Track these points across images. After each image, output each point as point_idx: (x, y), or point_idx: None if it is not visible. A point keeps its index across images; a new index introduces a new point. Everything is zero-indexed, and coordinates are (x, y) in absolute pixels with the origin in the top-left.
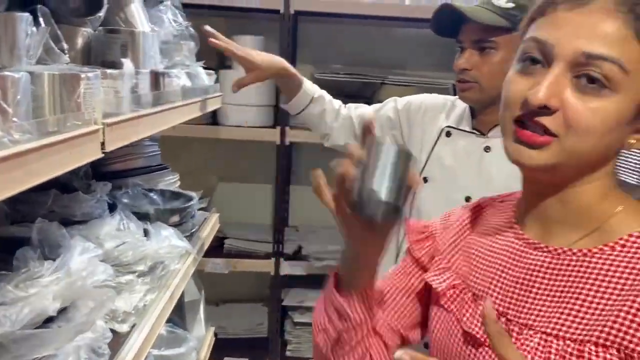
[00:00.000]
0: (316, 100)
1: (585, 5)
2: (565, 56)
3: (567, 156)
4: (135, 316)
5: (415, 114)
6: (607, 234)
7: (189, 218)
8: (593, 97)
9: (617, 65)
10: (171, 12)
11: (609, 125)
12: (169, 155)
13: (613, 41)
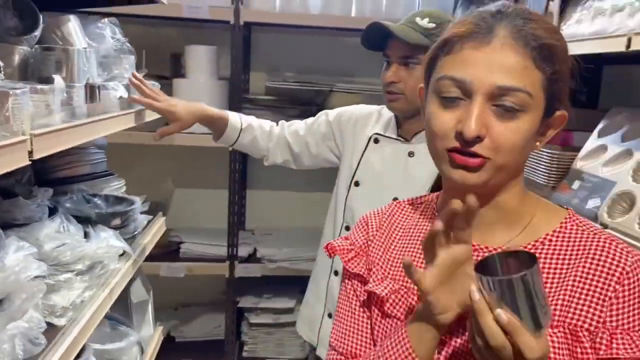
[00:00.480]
0: (245, 130)
1: (488, 44)
2: (482, 90)
3: (498, 172)
4: (72, 311)
5: (346, 124)
6: (534, 232)
7: (130, 221)
8: (511, 120)
9: (524, 93)
10: (110, 28)
11: (526, 139)
12: (124, 163)
13: (518, 72)
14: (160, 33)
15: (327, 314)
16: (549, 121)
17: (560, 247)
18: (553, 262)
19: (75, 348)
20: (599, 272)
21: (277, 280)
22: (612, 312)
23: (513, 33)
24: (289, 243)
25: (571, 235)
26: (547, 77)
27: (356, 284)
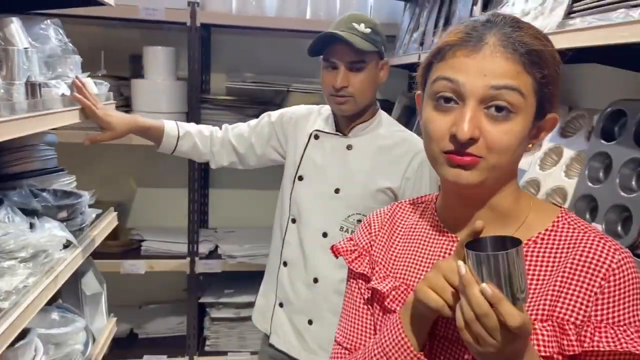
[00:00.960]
0: (183, 137)
1: (479, 52)
2: (476, 93)
3: (492, 172)
4: (15, 295)
5: (288, 123)
6: (528, 230)
7: (77, 214)
8: (503, 122)
9: (517, 92)
10: (53, 29)
11: (519, 141)
12: (85, 163)
13: (511, 75)
14: (119, 34)
15: (279, 304)
16: (540, 124)
17: (552, 245)
18: (545, 259)
19: (16, 329)
20: (586, 269)
21: (238, 276)
22: (598, 307)
23: (502, 40)
24: (250, 240)
25: (562, 233)
26: (537, 81)
27: (360, 283)
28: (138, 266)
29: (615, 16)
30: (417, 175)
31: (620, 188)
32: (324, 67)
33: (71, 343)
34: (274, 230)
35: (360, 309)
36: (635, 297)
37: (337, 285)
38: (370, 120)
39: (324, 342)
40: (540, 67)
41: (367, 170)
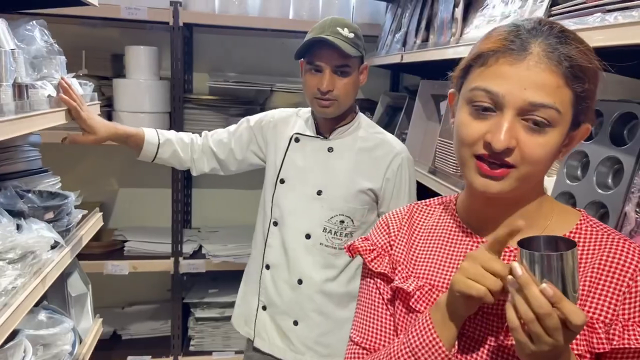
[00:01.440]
0: (163, 145)
1: (523, 61)
2: (514, 105)
3: (522, 181)
4: (4, 296)
5: (267, 128)
6: (554, 232)
7: (64, 215)
8: (540, 135)
9: (554, 110)
10: (39, 31)
11: (553, 153)
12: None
13: (550, 90)
14: (101, 34)
15: (262, 307)
16: (573, 134)
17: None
18: None
19: (6, 330)
20: (613, 269)
21: (223, 276)
22: (626, 306)
23: (547, 52)
24: (234, 239)
25: (586, 236)
26: (576, 95)
27: (379, 282)
28: (121, 267)
29: (591, 20)
30: (397, 176)
31: (597, 185)
32: (308, 70)
33: (60, 344)
34: (255, 233)
35: (379, 308)
36: None
37: (321, 285)
38: (351, 123)
39: (309, 341)
40: (582, 82)
41: (349, 172)
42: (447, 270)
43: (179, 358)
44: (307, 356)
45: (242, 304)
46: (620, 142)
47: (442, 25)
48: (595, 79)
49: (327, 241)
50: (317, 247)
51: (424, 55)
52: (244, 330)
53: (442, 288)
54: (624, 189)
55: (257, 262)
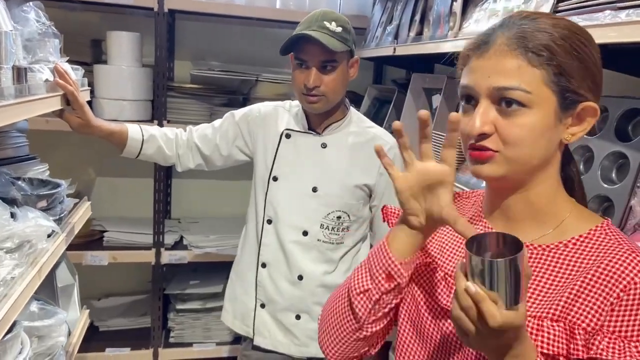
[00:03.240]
0: (147, 141)
1: (486, 52)
2: (483, 93)
3: (512, 165)
4: (3, 287)
5: (254, 123)
6: (562, 233)
7: (57, 203)
8: (515, 116)
9: (520, 91)
10: (34, 12)
11: (536, 133)
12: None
13: (512, 73)
14: (80, 18)
15: (260, 305)
16: (574, 113)
17: (582, 251)
18: (571, 263)
19: (6, 322)
20: (608, 278)
21: (204, 267)
22: (612, 317)
23: (508, 39)
24: (215, 230)
25: (597, 241)
26: (552, 73)
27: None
28: (101, 257)
29: (602, 17)
30: None
31: (602, 179)
32: (296, 66)
33: (54, 335)
34: (246, 232)
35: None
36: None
37: (322, 278)
38: (343, 119)
39: (313, 333)
40: (549, 60)
41: (344, 167)
42: (453, 250)
43: (159, 350)
44: (312, 347)
45: (234, 303)
46: (624, 137)
47: (438, 18)
48: (574, 53)
49: (325, 237)
50: (315, 243)
51: (420, 48)
52: (241, 328)
53: (446, 269)
54: (630, 183)
55: (250, 261)
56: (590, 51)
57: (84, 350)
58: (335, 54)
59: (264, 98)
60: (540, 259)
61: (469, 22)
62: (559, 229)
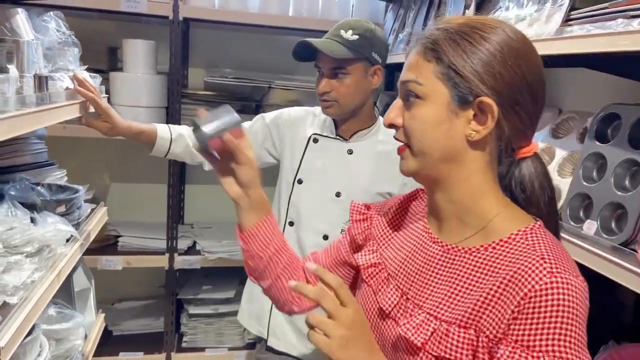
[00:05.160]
0: (175, 140)
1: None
2: (399, 88)
3: (418, 159)
4: (23, 290)
5: (284, 126)
6: (489, 234)
7: (75, 208)
8: (413, 108)
9: (414, 82)
10: (55, 22)
11: (429, 124)
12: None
13: (412, 68)
14: (96, 26)
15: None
16: (473, 109)
17: (501, 256)
18: (488, 267)
19: (27, 325)
20: (512, 285)
21: (216, 272)
22: (515, 326)
23: (417, 40)
24: (228, 235)
25: (516, 246)
26: (443, 66)
27: (346, 244)
28: (115, 262)
29: (615, 25)
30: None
31: (615, 187)
32: (317, 73)
33: (72, 339)
34: None
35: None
36: (558, 326)
37: None
38: (371, 127)
39: None
40: (437, 53)
41: (368, 174)
42: (398, 249)
43: (172, 354)
44: None
45: (251, 303)
46: (638, 145)
47: None
48: (464, 49)
49: None
50: None
51: None
52: (256, 329)
53: (390, 270)
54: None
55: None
56: (491, 47)
57: (98, 354)
58: (343, 61)
59: (276, 105)
60: (461, 262)
61: None
62: (484, 230)
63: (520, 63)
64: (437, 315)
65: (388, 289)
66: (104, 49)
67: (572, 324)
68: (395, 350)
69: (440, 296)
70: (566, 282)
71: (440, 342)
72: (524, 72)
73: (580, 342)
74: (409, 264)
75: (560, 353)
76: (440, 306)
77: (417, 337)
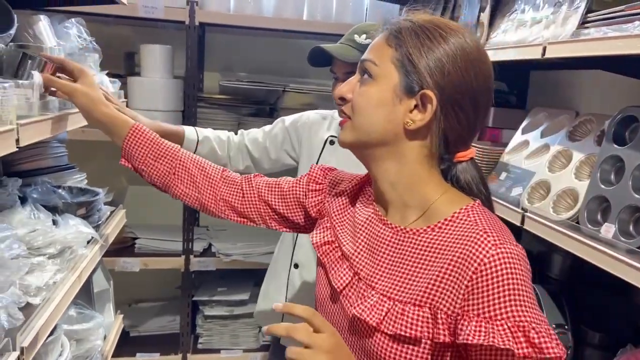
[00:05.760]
0: (202, 142)
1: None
2: (358, 66)
3: (356, 132)
4: (46, 291)
5: (302, 129)
6: (432, 216)
7: (95, 211)
8: (363, 85)
9: (371, 62)
10: (76, 28)
11: (372, 103)
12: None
13: (373, 49)
14: (114, 32)
15: None
16: (416, 99)
17: (445, 234)
18: (434, 247)
19: (49, 325)
20: (462, 261)
21: (232, 274)
22: (471, 300)
23: (387, 25)
24: (243, 238)
25: (459, 224)
26: (400, 54)
27: (304, 188)
28: (132, 264)
29: (632, 28)
30: None
31: (633, 190)
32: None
33: (92, 339)
34: (284, 235)
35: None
36: (512, 293)
37: None
38: None
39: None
40: (398, 40)
41: None
42: (347, 228)
43: (188, 356)
44: None
45: (265, 301)
46: None
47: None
48: (422, 42)
49: None
50: None
51: None
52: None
53: (344, 249)
54: None
55: (284, 260)
56: (447, 47)
57: (116, 355)
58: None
59: (290, 108)
60: (409, 243)
61: (497, 33)
62: (427, 213)
63: (469, 67)
64: (390, 296)
65: (341, 268)
66: (122, 54)
67: (523, 288)
68: (352, 333)
69: (392, 277)
70: (509, 251)
71: (396, 321)
72: (471, 78)
73: (531, 302)
74: (360, 244)
75: (519, 316)
76: (393, 287)
77: (371, 317)
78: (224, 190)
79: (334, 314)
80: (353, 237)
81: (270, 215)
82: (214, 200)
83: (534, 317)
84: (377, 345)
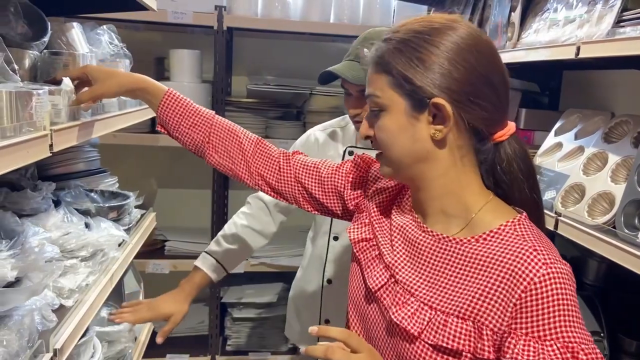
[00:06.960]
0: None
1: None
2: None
3: (392, 163)
4: (78, 293)
5: (312, 150)
6: (476, 227)
7: (126, 214)
8: (378, 119)
9: (374, 96)
10: (107, 35)
11: (392, 133)
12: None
13: (371, 83)
14: (144, 37)
15: (325, 321)
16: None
17: (490, 247)
18: (480, 258)
19: (82, 327)
20: (509, 278)
21: (260, 276)
22: (520, 319)
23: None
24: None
25: (505, 237)
26: (394, 77)
27: (344, 175)
28: (162, 266)
29: None
30: None
31: None
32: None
33: (123, 341)
34: (310, 248)
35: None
36: (561, 313)
37: None
38: None
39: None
40: (385, 65)
41: None
42: (388, 233)
43: (217, 357)
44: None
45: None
46: None
47: (495, 29)
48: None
49: None
50: None
51: None
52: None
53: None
54: None
55: (314, 277)
56: (437, 49)
57: (146, 356)
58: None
59: (318, 111)
60: (452, 252)
61: (528, 32)
62: (471, 224)
63: (467, 57)
64: (431, 305)
65: (377, 268)
66: (152, 59)
67: (572, 307)
68: (391, 336)
69: (434, 285)
70: (559, 271)
71: (437, 331)
72: (474, 64)
73: (579, 322)
74: (399, 247)
75: (569, 337)
76: (435, 296)
77: (412, 326)
78: (260, 164)
79: (370, 315)
80: (390, 240)
81: (305, 198)
82: (249, 173)
83: (583, 337)
84: (416, 353)
